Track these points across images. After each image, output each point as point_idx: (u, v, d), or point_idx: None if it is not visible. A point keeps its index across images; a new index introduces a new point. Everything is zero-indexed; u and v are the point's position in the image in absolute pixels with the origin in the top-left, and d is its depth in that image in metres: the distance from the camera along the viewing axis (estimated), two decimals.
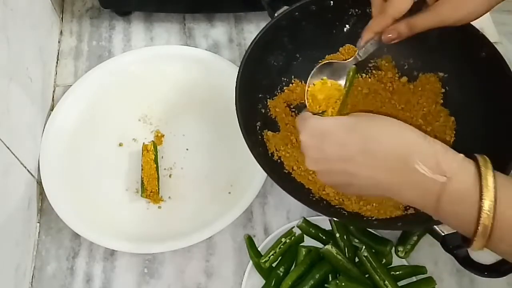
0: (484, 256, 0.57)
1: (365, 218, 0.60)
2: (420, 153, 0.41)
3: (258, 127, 0.66)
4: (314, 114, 0.53)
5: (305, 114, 0.50)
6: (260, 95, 0.68)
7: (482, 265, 0.54)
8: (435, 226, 0.56)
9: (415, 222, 0.61)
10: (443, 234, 0.56)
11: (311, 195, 0.63)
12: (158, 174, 0.69)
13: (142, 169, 0.69)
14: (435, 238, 0.57)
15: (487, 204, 0.38)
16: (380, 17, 0.54)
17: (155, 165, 0.69)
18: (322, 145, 0.45)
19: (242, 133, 0.58)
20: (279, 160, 0.65)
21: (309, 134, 0.46)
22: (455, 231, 0.56)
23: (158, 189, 0.68)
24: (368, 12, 0.69)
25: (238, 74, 0.62)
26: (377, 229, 0.64)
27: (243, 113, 0.60)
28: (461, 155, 0.41)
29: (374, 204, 0.61)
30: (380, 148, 0.42)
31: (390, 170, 0.42)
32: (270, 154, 0.65)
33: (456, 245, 0.55)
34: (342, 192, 0.61)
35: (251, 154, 0.57)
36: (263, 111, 0.68)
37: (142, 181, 0.68)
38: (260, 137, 0.65)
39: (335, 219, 0.63)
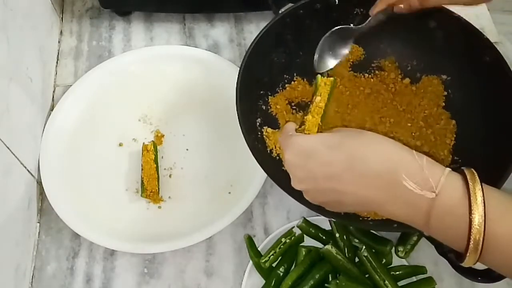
0: None
1: (361, 218, 0.60)
2: (406, 169, 0.40)
3: (258, 123, 0.66)
4: (297, 129, 0.53)
5: (287, 130, 0.50)
6: (261, 92, 0.68)
7: (475, 270, 0.54)
8: None
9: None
10: None
11: None
12: (158, 174, 0.69)
13: (142, 169, 0.69)
14: (430, 241, 0.57)
15: (477, 219, 0.37)
16: None
17: (155, 165, 0.69)
18: (307, 164, 0.45)
19: (241, 129, 0.58)
20: (277, 157, 0.65)
21: (293, 153, 0.46)
22: None
23: (158, 189, 0.68)
24: None
25: (240, 70, 0.62)
26: (373, 229, 0.64)
27: (244, 109, 0.60)
28: (448, 169, 0.40)
29: None
30: (366, 166, 0.42)
31: (378, 187, 0.42)
32: (269, 151, 0.65)
33: (450, 249, 0.55)
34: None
35: (250, 152, 0.57)
36: (263, 107, 0.68)
37: (142, 181, 0.68)
38: (259, 133, 0.65)
39: (331, 219, 0.63)
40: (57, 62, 0.83)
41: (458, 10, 0.65)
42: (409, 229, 0.63)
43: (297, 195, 0.57)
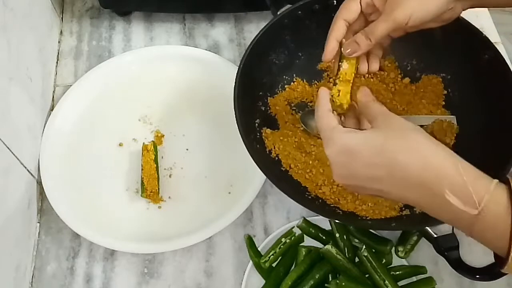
0: (476, 258, 0.57)
1: (359, 218, 0.60)
2: (450, 183, 0.39)
3: (257, 124, 0.66)
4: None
5: (329, 122, 0.48)
6: (260, 93, 0.68)
7: (473, 268, 0.54)
8: (427, 228, 0.56)
9: (409, 223, 0.61)
10: (435, 236, 0.56)
11: (307, 193, 0.63)
12: (158, 174, 0.69)
13: (142, 169, 0.69)
14: (428, 240, 0.58)
15: None
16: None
17: (155, 165, 0.69)
18: (350, 164, 0.44)
19: (239, 130, 0.58)
20: (276, 158, 0.65)
21: (336, 151, 0.45)
22: (447, 233, 0.56)
23: (158, 189, 0.68)
24: None
25: (238, 71, 0.62)
26: (371, 228, 0.64)
27: (242, 110, 0.60)
28: (495, 181, 0.39)
29: (369, 204, 0.61)
30: (408, 175, 0.41)
31: (420, 195, 0.41)
32: (267, 152, 0.65)
33: (448, 247, 0.55)
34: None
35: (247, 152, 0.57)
36: (263, 108, 0.68)
37: (142, 181, 0.68)
38: (258, 134, 0.66)
39: (329, 218, 0.63)
40: (57, 62, 0.83)
41: None
42: (408, 228, 0.64)
43: (294, 195, 0.57)
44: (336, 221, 0.63)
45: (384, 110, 0.47)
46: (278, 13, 0.66)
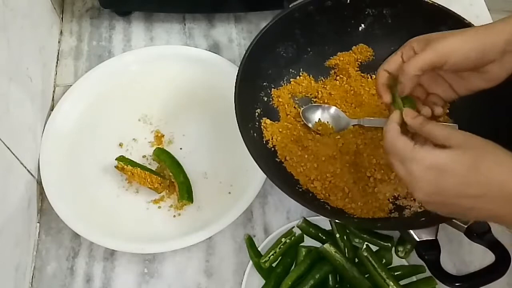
0: (476, 258, 0.57)
1: (346, 215, 0.60)
2: None
3: (257, 113, 0.66)
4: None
5: (406, 142, 0.47)
6: (264, 83, 0.68)
7: (450, 274, 0.54)
8: (411, 231, 0.56)
9: (395, 225, 0.62)
10: (418, 240, 0.56)
11: (298, 186, 0.63)
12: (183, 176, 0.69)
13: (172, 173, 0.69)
14: (410, 243, 0.58)
15: None
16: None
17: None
18: (439, 181, 0.44)
19: (236, 114, 0.58)
20: (272, 149, 0.65)
21: (424, 168, 0.45)
22: (430, 239, 0.56)
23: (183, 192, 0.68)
24: (385, 14, 0.68)
25: (243, 58, 0.62)
26: (357, 227, 0.64)
27: (243, 96, 0.60)
28: None
29: (359, 203, 0.61)
30: (504, 191, 0.42)
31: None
32: (264, 142, 0.65)
33: (429, 253, 0.56)
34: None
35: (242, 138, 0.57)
36: (265, 99, 0.68)
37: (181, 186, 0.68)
38: (257, 123, 0.66)
39: (316, 212, 0.63)
40: (57, 62, 0.83)
41: (460, 12, 0.65)
42: (392, 229, 0.64)
43: (286, 187, 0.57)
44: (323, 216, 0.62)
45: (454, 130, 0.48)
46: (290, 6, 0.66)
